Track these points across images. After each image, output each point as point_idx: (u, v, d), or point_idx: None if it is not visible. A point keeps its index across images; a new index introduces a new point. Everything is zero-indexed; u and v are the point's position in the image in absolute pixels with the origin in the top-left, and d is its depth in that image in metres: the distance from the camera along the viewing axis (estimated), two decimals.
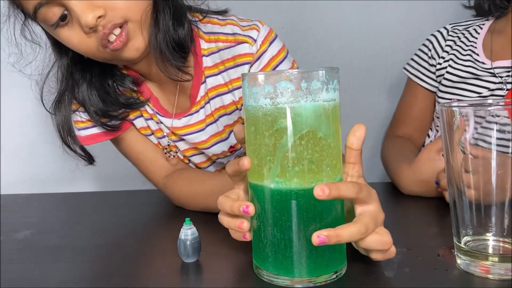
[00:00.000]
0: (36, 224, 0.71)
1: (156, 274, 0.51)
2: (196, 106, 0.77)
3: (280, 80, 0.43)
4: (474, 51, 0.89)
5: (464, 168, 0.46)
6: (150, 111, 0.79)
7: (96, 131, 0.77)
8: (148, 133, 0.81)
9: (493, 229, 0.46)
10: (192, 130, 0.79)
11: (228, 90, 0.76)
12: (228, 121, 0.79)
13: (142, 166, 0.82)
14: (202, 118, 0.78)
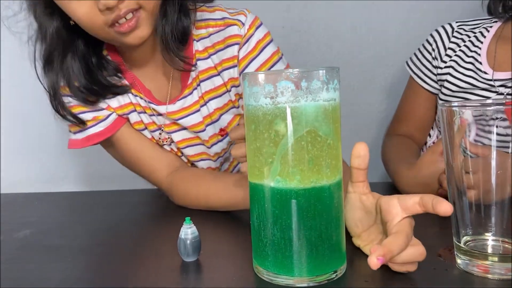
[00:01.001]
0: (36, 224, 0.71)
1: (156, 273, 0.51)
2: (188, 89, 0.79)
3: (281, 79, 0.43)
4: (477, 58, 0.87)
5: (464, 169, 0.46)
6: (143, 103, 0.79)
7: (92, 131, 0.77)
8: (142, 128, 0.81)
9: (492, 229, 0.46)
10: (188, 113, 0.80)
11: (217, 72, 0.78)
12: (218, 104, 0.80)
13: (143, 166, 0.80)
14: (196, 99, 0.80)
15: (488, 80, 0.85)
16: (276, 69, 0.80)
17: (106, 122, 0.78)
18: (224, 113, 0.82)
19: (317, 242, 0.45)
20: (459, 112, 0.45)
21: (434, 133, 1.00)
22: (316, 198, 0.44)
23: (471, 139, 0.45)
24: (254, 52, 0.76)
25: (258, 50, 0.76)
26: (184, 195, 0.75)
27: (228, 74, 0.78)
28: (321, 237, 0.45)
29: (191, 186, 0.75)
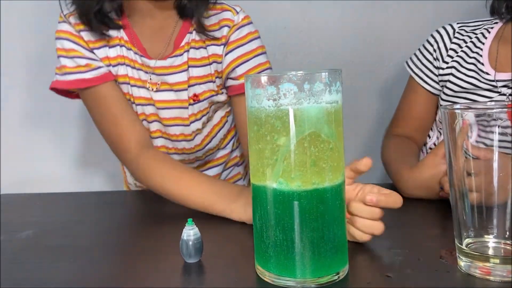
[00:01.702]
0: (38, 224, 0.71)
1: (158, 274, 0.51)
2: (180, 50, 0.85)
3: (283, 81, 0.43)
4: (479, 59, 0.87)
5: (466, 171, 0.46)
6: (132, 57, 0.84)
7: (81, 76, 0.80)
8: (125, 81, 0.84)
9: (494, 231, 0.46)
10: (175, 71, 0.85)
11: (205, 46, 0.86)
12: (199, 73, 0.86)
13: (116, 128, 0.81)
14: (185, 61, 0.85)
15: (490, 81, 0.85)
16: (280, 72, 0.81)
17: (97, 72, 0.81)
18: (202, 84, 0.87)
19: (320, 243, 0.45)
20: (461, 115, 0.45)
21: (434, 134, 1.00)
22: (318, 199, 0.44)
23: (473, 141, 0.45)
24: (244, 40, 0.85)
25: (247, 40, 0.85)
26: (151, 176, 0.76)
27: (213, 50, 0.85)
28: (323, 238, 0.45)
29: (164, 173, 0.75)
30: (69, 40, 0.81)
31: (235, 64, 0.85)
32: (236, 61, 0.85)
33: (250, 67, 0.85)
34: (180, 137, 0.90)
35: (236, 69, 0.85)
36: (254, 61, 0.85)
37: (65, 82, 0.81)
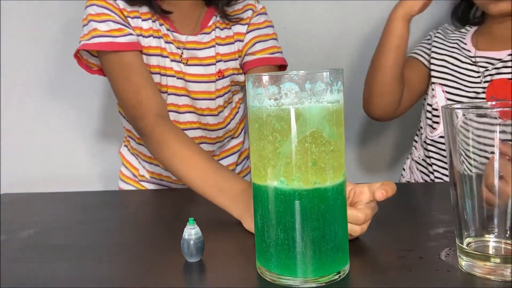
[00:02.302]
0: (39, 224, 0.71)
1: (160, 273, 0.51)
2: (208, 29, 0.94)
3: (285, 81, 0.43)
4: (462, 40, 0.99)
5: (467, 170, 0.46)
6: (164, 31, 0.90)
7: (113, 40, 0.82)
8: (156, 53, 0.88)
9: (495, 230, 0.46)
10: (204, 46, 0.93)
11: (229, 26, 0.96)
12: (225, 51, 0.95)
13: (139, 93, 0.82)
14: (213, 38, 0.94)
15: (470, 57, 0.95)
16: (282, 71, 0.82)
17: (128, 38, 0.83)
18: (226, 61, 0.95)
19: (321, 243, 0.45)
20: (462, 114, 0.45)
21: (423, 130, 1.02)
22: (320, 199, 0.45)
23: (473, 141, 0.45)
24: (262, 25, 0.97)
25: (264, 25, 0.97)
26: (163, 148, 0.76)
27: (237, 29, 0.96)
28: (325, 238, 0.45)
29: (176, 149, 0.74)
30: (103, 7, 0.84)
31: (254, 41, 0.95)
32: (255, 39, 0.95)
33: (266, 46, 0.96)
34: (206, 111, 0.95)
35: (255, 45, 0.95)
36: (270, 43, 0.96)
37: (94, 44, 0.82)
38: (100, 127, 1.29)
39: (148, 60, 0.89)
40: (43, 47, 1.24)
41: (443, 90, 0.94)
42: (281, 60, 0.97)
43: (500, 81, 0.88)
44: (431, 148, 0.99)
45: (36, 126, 1.28)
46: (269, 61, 0.96)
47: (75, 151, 1.30)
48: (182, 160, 0.73)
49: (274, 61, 0.96)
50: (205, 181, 0.69)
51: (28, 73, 1.26)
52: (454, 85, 0.94)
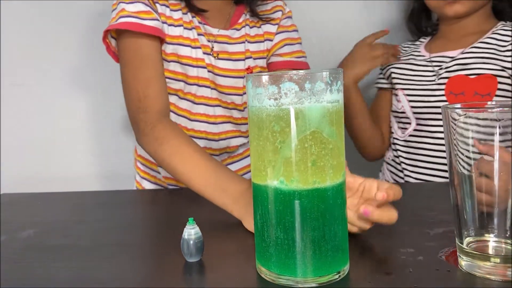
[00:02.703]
0: (39, 224, 0.71)
1: (159, 273, 0.51)
2: (238, 25, 0.95)
3: (284, 81, 0.43)
4: (416, 50, 1.06)
5: (467, 170, 0.46)
6: (196, 23, 0.90)
7: (139, 21, 0.81)
8: (185, 43, 0.88)
9: (495, 230, 0.46)
10: (234, 41, 0.94)
11: (259, 25, 0.97)
12: (252, 48, 0.95)
13: (147, 89, 0.81)
14: (243, 34, 0.95)
15: (426, 60, 1.00)
16: (281, 71, 0.83)
17: (154, 23, 0.83)
18: (255, 58, 0.96)
19: (320, 242, 0.45)
20: (462, 114, 0.45)
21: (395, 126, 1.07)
22: (319, 199, 0.45)
23: (473, 141, 0.45)
24: (289, 28, 0.99)
25: (291, 29, 1.00)
26: (162, 145, 0.74)
27: (267, 29, 0.97)
28: (324, 237, 0.45)
29: (176, 147, 0.73)
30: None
31: (284, 43, 0.97)
32: (284, 41, 0.97)
33: (293, 50, 0.98)
34: (231, 105, 0.95)
35: (284, 47, 0.97)
36: (296, 47, 0.99)
37: (120, 24, 0.81)
38: (100, 127, 1.29)
39: (178, 50, 0.87)
40: (43, 47, 1.24)
41: (404, 94, 0.99)
42: (305, 65, 0.99)
43: (457, 77, 0.92)
44: (400, 148, 1.02)
45: (36, 126, 1.28)
46: (294, 65, 0.97)
47: (75, 151, 1.30)
48: (182, 158, 0.72)
49: (299, 65, 0.97)
50: (206, 180, 0.68)
51: (28, 73, 1.26)
52: (413, 87, 0.98)
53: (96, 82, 1.25)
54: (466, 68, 0.91)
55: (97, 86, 1.26)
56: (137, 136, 0.81)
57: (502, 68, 0.87)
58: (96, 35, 1.22)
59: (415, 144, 0.98)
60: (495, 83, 0.87)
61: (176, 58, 0.88)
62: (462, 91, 0.90)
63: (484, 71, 0.88)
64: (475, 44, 0.92)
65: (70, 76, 1.24)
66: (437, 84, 0.94)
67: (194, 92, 0.91)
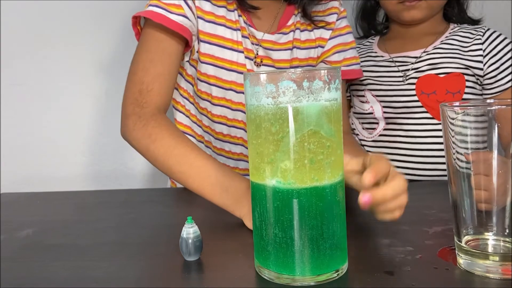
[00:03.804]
0: (38, 223, 0.71)
1: (158, 272, 0.51)
2: (286, 29, 0.88)
3: (282, 79, 0.43)
4: (371, 51, 1.05)
5: (465, 168, 0.46)
6: (242, 24, 0.84)
7: (166, 14, 0.76)
8: (226, 45, 0.83)
9: (494, 228, 0.46)
10: (280, 48, 0.87)
11: (311, 28, 0.90)
12: (301, 55, 0.89)
13: (154, 84, 0.76)
14: (290, 40, 0.88)
15: (387, 60, 1.00)
16: (279, 70, 0.82)
17: (181, 19, 0.77)
18: (302, 66, 0.89)
19: (319, 241, 0.45)
20: (460, 112, 0.45)
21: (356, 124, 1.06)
22: (318, 197, 0.45)
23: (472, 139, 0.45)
24: (343, 30, 0.92)
25: (345, 31, 0.92)
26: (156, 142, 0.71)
27: (320, 34, 0.90)
28: (323, 236, 0.45)
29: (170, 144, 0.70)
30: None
31: (336, 50, 0.90)
32: (337, 47, 0.90)
33: (347, 56, 0.91)
34: None
35: (335, 55, 0.90)
36: (350, 53, 0.91)
37: (145, 12, 0.77)
38: (100, 126, 1.29)
39: (215, 51, 0.83)
40: (43, 47, 1.24)
41: (373, 95, 0.99)
42: (357, 73, 0.93)
43: (426, 77, 0.93)
44: (369, 148, 1.02)
45: (36, 126, 1.28)
46: (345, 74, 0.90)
47: (75, 151, 1.30)
48: (178, 157, 0.69)
49: (350, 74, 0.91)
50: (205, 180, 0.67)
51: (28, 73, 1.26)
52: (382, 87, 0.98)
53: (96, 82, 1.25)
54: (435, 67, 0.93)
55: (97, 86, 1.26)
56: (125, 129, 0.76)
57: (466, 67, 0.91)
58: (96, 35, 1.23)
59: (386, 143, 0.98)
60: (463, 81, 0.91)
61: (211, 59, 0.83)
62: (434, 90, 0.92)
63: (452, 70, 0.91)
64: (438, 45, 0.95)
65: (70, 76, 1.24)
66: (407, 84, 0.95)
67: (230, 98, 0.87)
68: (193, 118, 0.93)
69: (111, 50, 1.23)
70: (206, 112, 0.89)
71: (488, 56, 0.91)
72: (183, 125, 0.93)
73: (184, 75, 0.90)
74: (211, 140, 0.93)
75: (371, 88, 0.99)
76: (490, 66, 0.91)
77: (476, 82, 0.92)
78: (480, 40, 0.92)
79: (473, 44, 0.92)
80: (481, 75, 0.91)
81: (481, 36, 0.93)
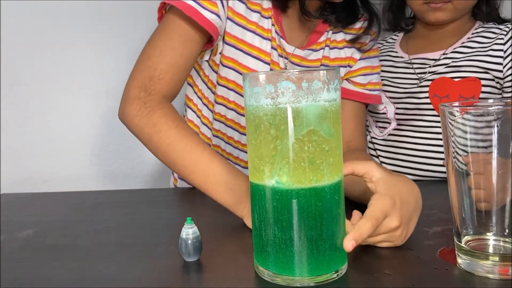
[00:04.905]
0: (38, 223, 0.71)
1: (158, 273, 0.51)
2: (316, 45, 0.85)
3: (281, 80, 0.43)
4: (392, 50, 1.03)
5: (464, 168, 0.46)
6: (274, 34, 0.81)
7: (195, 7, 0.72)
8: (253, 53, 0.79)
9: (493, 228, 0.46)
10: (308, 64, 0.85)
11: (342, 46, 0.87)
12: None
13: (167, 73, 0.72)
14: (319, 58, 0.85)
15: (406, 62, 0.98)
16: (278, 70, 0.82)
17: (211, 16, 0.73)
18: None
19: (318, 241, 0.45)
20: (460, 112, 0.45)
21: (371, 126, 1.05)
22: (317, 198, 0.44)
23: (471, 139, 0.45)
24: (371, 53, 0.90)
25: (373, 54, 0.90)
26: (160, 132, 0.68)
27: (350, 53, 0.88)
28: (322, 236, 0.45)
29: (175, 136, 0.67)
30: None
31: (363, 72, 0.88)
32: (364, 70, 0.88)
33: (372, 81, 0.89)
34: None
35: (361, 77, 0.88)
36: (376, 78, 0.90)
37: (178, 2, 0.72)
38: (100, 126, 1.29)
39: (240, 57, 0.79)
40: (43, 47, 1.24)
41: (387, 96, 0.98)
42: (377, 99, 0.91)
43: (441, 80, 0.92)
44: (379, 147, 1.02)
45: (36, 126, 1.28)
46: (367, 98, 0.89)
47: (75, 151, 1.30)
48: (183, 151, 0.67)
49: (370, 99, 0.90)
50: (209, 176, 0.65)
51: (28, 73, 1.26)
52: (396, 90, 0.97)
53: (96, 81, 1.25)
54: (452, 71, 0.91)
55: (97, 85, 1.26)
56: (125, 111, 0.71)
57: (485, 70, 0.88)
58: (96, 35, 1.23)
59: (395, 143, 0.98)
60: (479, 86, 0.88)
61: (233, 64, 0.80)
62: (447, 94, 0.91)
63: (469, 74, 0.89)
64: (458, 48, 0.93)
65: (70, 76, 1.24)
66: (420, 86, 0.94)
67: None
68: (204, 120, 0.90)
69: (111, 50, 1.23)
70: (220, 116, 0.87)
71: (509, 58, 0.86)
72: (193, 124, 0.91)
73: (201, 74, 0.88)
74: (220, 144, 0.91)
75: (386, 90, 0.98)
76: (510, 68, 0.86)
77: (495, 86, 0.89)
78: (502, 40, 0.88)
79: (494, 43, 0.89)
80: (501, 78, 0.88)
81: (504, 35, 0.89)
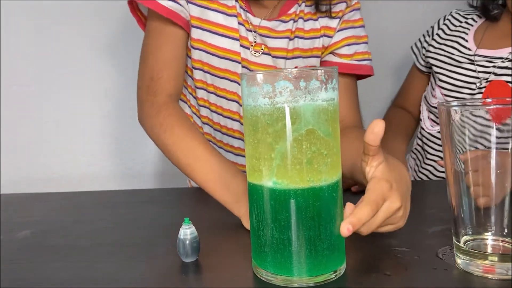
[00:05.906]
0: (37, 224, 0.71)
1: (156, 273, 0.51)
2: (286, 17, 0.83)
3: (279, 79, 0.43)
4: (464, 37, 0.97)
5: (464, 168, 0.45)
6: (238, 9, 0.80)
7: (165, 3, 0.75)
8: (220, 32, 0.80)
9: (492, 228, 0.45)
10: (277, 35, 0.83)
11: (316, 18, 0.85)
12: (304, 45, 0.85)
13: (163, 71, 0.76)
14: (289, 28, 0.83)
15: (469, 55, 0.93)
16: (276, 69, 0.82)
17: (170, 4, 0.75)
18: (305, 57, 0.85)
19: (316, 242, 0.45)
20: (458, 111, 0.45)
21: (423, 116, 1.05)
22: (315, 198, 0.44)
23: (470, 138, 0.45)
24: (356, 23, 0.86)
25: (358, 24, 0.86)
26: (166, 132, 0.71)
27: (325, 23, 0.85)
28: (320, 237, 0.45)
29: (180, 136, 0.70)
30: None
31: (347, 42, 0.85)
32: (348, 40, 0.84)
33: (358, 50, 0.85)
34: None
35: (346, 47, 0.85)
36: (362, 47, 0.86)
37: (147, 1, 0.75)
38: (100, 127, 1.29)
39: (207, 38, 0.80)
40: (43, 47, 1.24)
41: (443, 94, 0.95)
42: (368, 69, 0.86)
43: (497, 82, 0.87)
44: (426, 141, 1.00)
45: (36, 126, 1.28)
46: (355, 69, 0.85)
47: (75, 151, 1.30)
48: (185, 149, 0.69)
49: (360, 69, 0.85)
50: (208, 174, 0.66)
51: (28, 73, 1.26)
52: (451, 88, 0.94)
53: (95, 81, 1.25)
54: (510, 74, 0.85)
55: (97, 85, 1.26)
56: (141, 115, 0.77)
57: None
58: (96, 35, 1.23)
59: (438, 140, 0.96)
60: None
61: (202, 45, 0.81)
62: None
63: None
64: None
65: (70, 76, 1.24)
66: (478, 88, 0.89)
67: (224, 87, 0.84)
68: (193, 109, 0.92)
69: (111, 50, 1.23)
70: (203, 102, 0.88)
71: None
72: (187, 115, 0.92)
73: None
74: (211, 132, 0.92)
75: (442, 86, 0.95)
76: None
77: None
78: None
79: None
80: None
81: None
